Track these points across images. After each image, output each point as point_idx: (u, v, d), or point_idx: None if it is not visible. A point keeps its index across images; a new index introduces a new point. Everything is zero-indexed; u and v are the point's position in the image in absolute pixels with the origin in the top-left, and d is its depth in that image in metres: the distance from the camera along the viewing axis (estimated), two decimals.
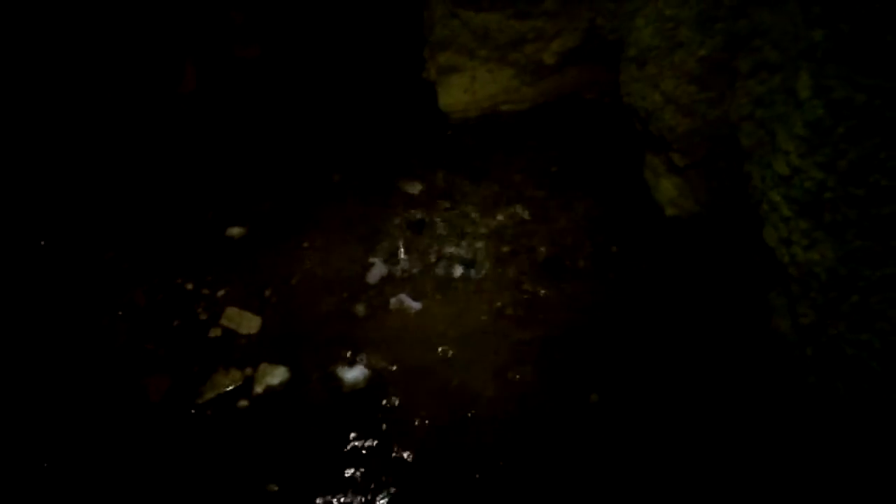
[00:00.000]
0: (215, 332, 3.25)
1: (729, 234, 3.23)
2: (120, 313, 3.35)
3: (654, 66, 3.18)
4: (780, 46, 2.63)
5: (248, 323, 3.28)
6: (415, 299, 3.31)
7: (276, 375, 3.07)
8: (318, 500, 2.72)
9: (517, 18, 3.73)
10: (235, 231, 3.65)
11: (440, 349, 3.13)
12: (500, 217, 3.62)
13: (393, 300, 3.32)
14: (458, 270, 3.41)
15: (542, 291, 3.30)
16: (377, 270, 3.44)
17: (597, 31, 3.77)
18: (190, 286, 3.44)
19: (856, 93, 2.14)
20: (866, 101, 2.12)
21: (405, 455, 2.81)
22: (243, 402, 3.00)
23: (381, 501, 2.70)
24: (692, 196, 3.36)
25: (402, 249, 3.53)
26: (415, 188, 3.81)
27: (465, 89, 4.02)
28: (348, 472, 2.77)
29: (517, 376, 3.00)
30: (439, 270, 3.42)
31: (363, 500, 2.71)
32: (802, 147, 2.36)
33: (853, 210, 2.25)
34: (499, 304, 3.26)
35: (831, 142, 2.25)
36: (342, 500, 2.72)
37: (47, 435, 2.94)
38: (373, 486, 2.74)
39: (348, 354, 3.13)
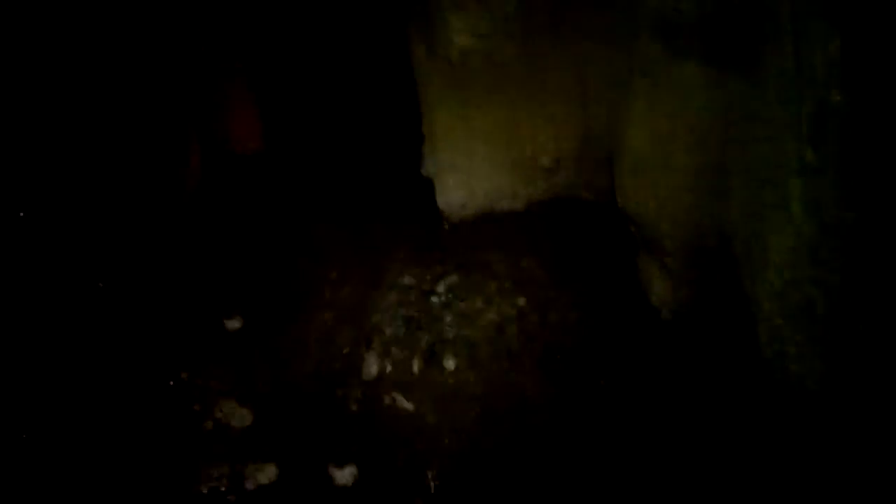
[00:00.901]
0: (208, 425, 3.25)
1: (722, 338, 3.25)
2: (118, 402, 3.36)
3: (648, 175, 3.25)
4: (773, 162, 2.68)
5: (240, 416, 3.28)
6: (407, 398, 3.32)
7: (267, 473, 3.05)
8: None
9: (516, 122, 3.84)
10: (232, 324, 3.69)
11: (431, 450, 3.12)
12: (493, 315, 3.65)
13: (386, 398, 3.32)
14: (451, 364, 3.42)
15: (536, 390, 3.30)
16: (371, 365, 3.45)
17: (593, 136, 3.87)
18: (185, 376, 3.45)
19: (846, 212, 2.20)
20: (856, 220, 2.17)
21: None
22: (232, 498, 2.98)
23: None
24: (685, 298, 3.39)
25: (396, 344, 3.54)
26: (410, 282, 3.86)
27: (463, 187, 4.11)
28: None
29: (505, 482, 2.99)
30: (433, 365, 3.43)
31: None
32: (795, 261, 2.41)
33: (847, 325, 2.28)
34: (491, 402, 3.26)
35: (823, 259, 2.30)
36: None
37: None
38: None
39: (339, 453, 3.12)
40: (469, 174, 4.07)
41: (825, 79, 2.24)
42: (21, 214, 3.60)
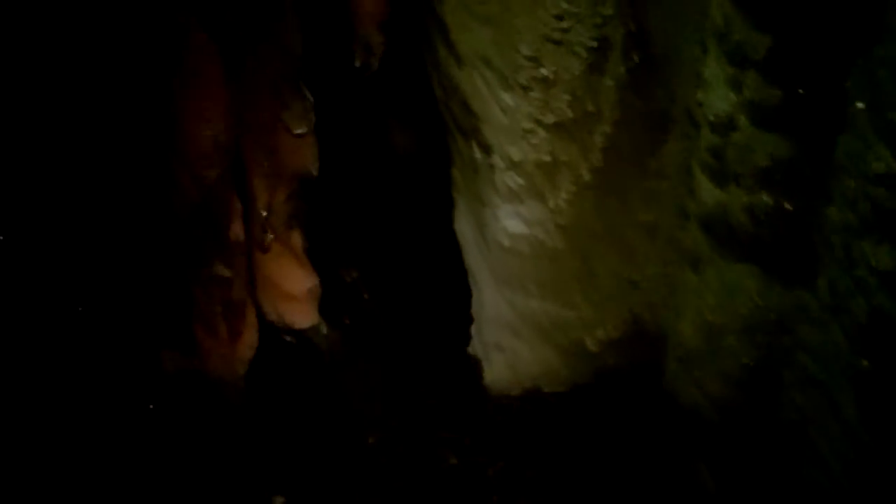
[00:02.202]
0: None
1: None
2: None
3: (697, 367, 3.27)
4: (825, 364, 2.70)
5: None
6: None
7: None
8: None
9: (564, 307, 3.91)
10: (278, 501, 3.67)
11: None
12: None
13: None
14: None
15: None
16: None
17: (640, 322, 3.92)
18: None
19: None
20: None
21: None
22: None
23: None
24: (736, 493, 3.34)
25: None
26: (453, 461, 3.84)
27: (509, 367, 4.15)
28: None
29: None
30: None
31: None
32: (849, 466, 2.39)
33: None
34: None
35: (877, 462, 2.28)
36: None
37: None
38: None
39: None
40: (516, 356, 4.11)
41: (876, 290, 2.29)
42: None
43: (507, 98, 3.70)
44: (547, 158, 3.76)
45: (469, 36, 3.70)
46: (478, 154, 3.98)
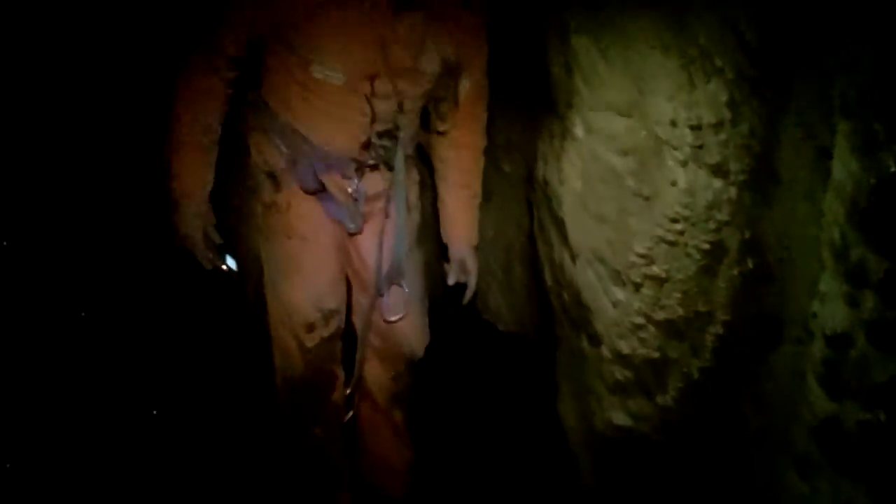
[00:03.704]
0: None
1: None
2: None
3: None
4: None
5: None
6: None
7: None
8: None
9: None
10: None
11: None
12: None
13: None
14: None
15: None
16: None
17: None
18: None
19: None
20: None
21: None
22: None
23: None
24: None
25: None
26: None
27: None
28: None
29: None
30: None
31: None
32: None
33: None
34: None
35: None
36: None
37: None
38: None
39: None
40: None
41: None
42: None
43: (619, 293, 3.78)
44: (656, 355, 3.77)
45: (585, 233, 3.85)
46: (586, 344, 4.04)
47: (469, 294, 4.57)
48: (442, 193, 4.50)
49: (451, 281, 4.50)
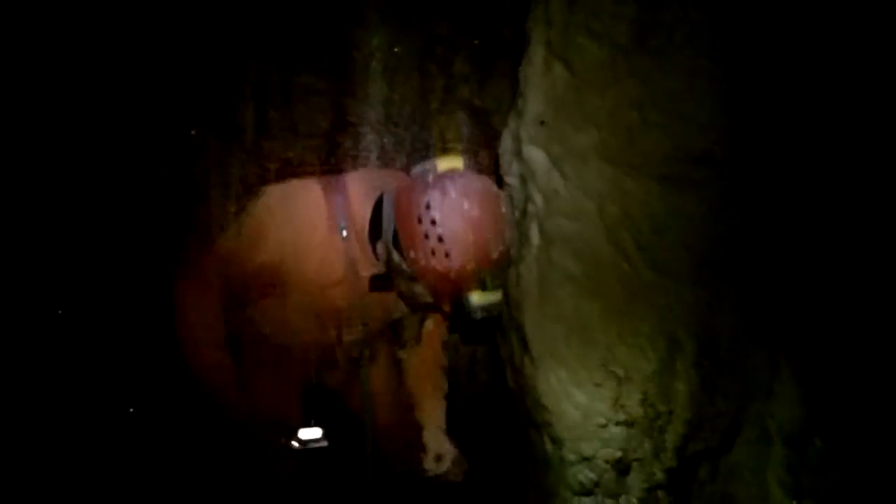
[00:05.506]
0: None
1: None
2: None
3: None
4: None
5: None
6: None
7: None
8: None
9: None
10: None
11: None
12: None
13: None
14: None
15: None
16: None
17: None
18: None
19: None
20: None
21: None
22: None
23: None
24: None
25: None
26: None
27: None
28: None
29: None
30: None
31: None
32: None
33: None
34: None
35: None
36: None
37: None
38: None
39: None
40: None
41: None
42: None
43: (579, 395, 3.80)
44: (618, 454, 3.77)
45: (543, 335, 3.89)
46: (549, 447, 4.02)
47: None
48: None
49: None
